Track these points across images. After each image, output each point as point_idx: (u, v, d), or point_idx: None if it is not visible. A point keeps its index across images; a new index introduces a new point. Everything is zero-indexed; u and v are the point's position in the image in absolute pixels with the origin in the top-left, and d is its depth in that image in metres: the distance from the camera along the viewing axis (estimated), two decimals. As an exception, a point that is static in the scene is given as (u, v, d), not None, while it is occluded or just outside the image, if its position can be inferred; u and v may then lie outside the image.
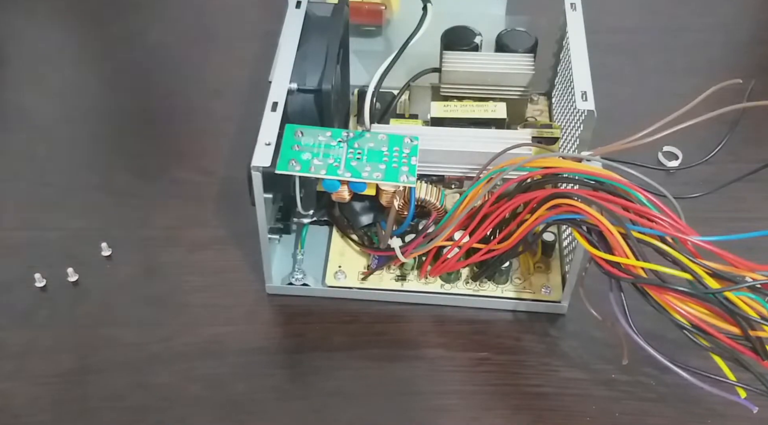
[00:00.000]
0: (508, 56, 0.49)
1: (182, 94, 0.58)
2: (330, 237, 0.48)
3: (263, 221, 0.42)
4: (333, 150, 0.41)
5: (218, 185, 0.52)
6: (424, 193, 0.44)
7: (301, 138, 0.42)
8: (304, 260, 0.47)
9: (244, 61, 0.60)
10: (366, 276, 0.46)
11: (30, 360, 0.44)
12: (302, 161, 0.41)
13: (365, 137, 0.42)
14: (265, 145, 0.40)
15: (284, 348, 0.45)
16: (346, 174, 0.41)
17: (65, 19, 0.64)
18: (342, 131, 0.42)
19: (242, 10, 0.64)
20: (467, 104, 0.47)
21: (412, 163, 0.42)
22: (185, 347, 0.44)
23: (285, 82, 0.43)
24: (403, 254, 0.44)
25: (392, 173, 0.41)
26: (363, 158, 0.41)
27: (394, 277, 0.46)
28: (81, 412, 0.42)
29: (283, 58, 0.44)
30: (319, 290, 0.46)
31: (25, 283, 0.47)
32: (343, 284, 0.46)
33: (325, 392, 0.43)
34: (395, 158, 0.42)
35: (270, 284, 0.46)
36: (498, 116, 0.47)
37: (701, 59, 0.60)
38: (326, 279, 0.46)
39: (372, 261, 0.47)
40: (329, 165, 0.41)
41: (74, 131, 0.56)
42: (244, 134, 0.56)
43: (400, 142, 0.42)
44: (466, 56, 0.49)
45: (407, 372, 0.44)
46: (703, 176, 0.51)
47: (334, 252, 0.47)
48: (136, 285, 0.47)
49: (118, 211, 0.51)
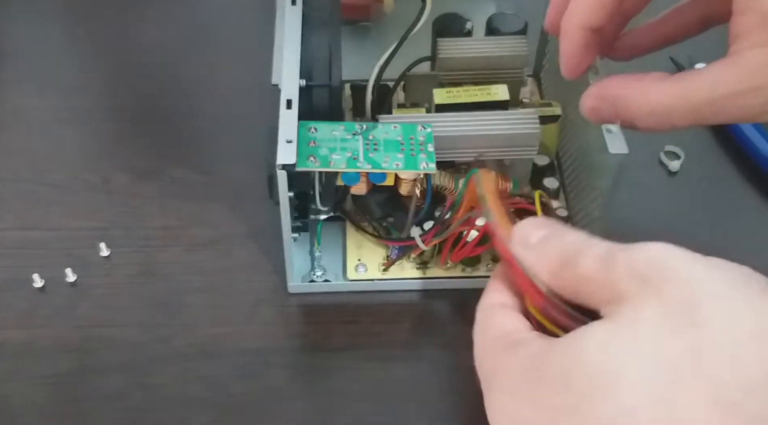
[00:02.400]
0: (502, 39, 0.50)
1: (182, 94, 0.58)
2: (344, 233, 0.48)
3: (287, 220, 0.42)
4: (349, 143, 0.41)
5: (218, 185, 0.52)
6: (440, 179, 0.44)
7: (316, 134, 0.42)
8: (322, 257, 0.47)
9: (244, 60, 0.60)
10: (387, 267, 0.46)
11: (29, 361, 0.44)
12: (321, 156, 0.41)
13: (378, 128, 0.42)
14: (286, 142, 0.40)
15: (284, 347, 0.45)
16: (367, 166, 0.41)
17: (65, 18, 0.64)
18: (355, 124, 0.42)
19: (242, 10, 0.64)
20: (469, 89, 0.48)
21: (429, 150, 0.42)
22: (185, 347, 0.44)
23: (296, 80, 0.43)
24: (423, 243, 0.44)
25: (411, 162, 0.41)
26: (380, 148, 0.42)
27: (415, 265, 0.47)
28: (80, 412, 0.42)
29: (289, 55, 0.44)
30: (341, 284, 0.46)
31: (23, 283, 0.47)
32: (365, 277, 0.46)
33: (325, 392, 0.43)
34: (411, 146, 0.42)
35: (292, 283, 0.46)
36: (501, 98, 0.47)
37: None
38: (347, 273, 0.46)
39: (391, 252, 0.46)
40: (348, 159, 0.41)
41: (74, 131, 0.56)
42: (244, 134, 0.55)
43: (414, 130, 0.43)
44: (461, 42, 0.49)
45: (407, 372, 0.43)
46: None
47: (351, 246, 0.47)
48: (135, 285, 0.47)
49: (117, 211, 0.51)
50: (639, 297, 0.26)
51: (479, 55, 0.49)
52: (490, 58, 0.49)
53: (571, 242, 0.29)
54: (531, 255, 0.30)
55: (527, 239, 0.31)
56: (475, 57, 0.49)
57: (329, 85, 0.43)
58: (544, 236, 0.31)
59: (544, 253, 0.30)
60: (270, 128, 0.42)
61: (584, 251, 0.28)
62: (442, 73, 0.49)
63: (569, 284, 0.29)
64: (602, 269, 0.27)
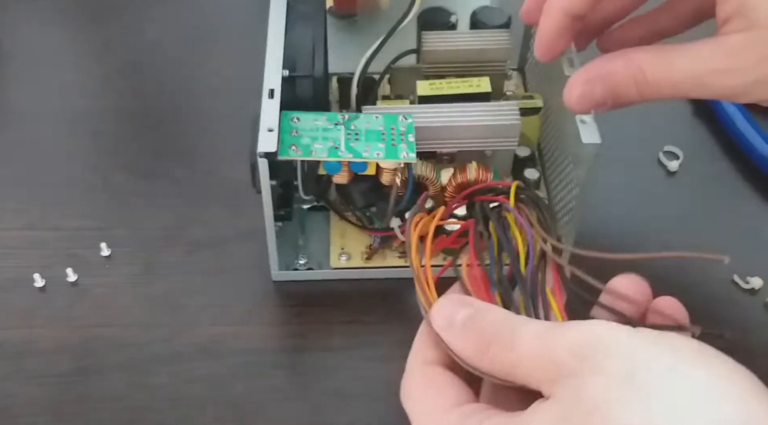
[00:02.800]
0: (485, 32, 0.50)
1: (182, 94, 0.58)
2: (329, 222, 0.49)
3: (269, 208, 0.42)
4: (331, 133, 0.42)
5: (218, 185, 0.52)
6: (421, 169, 0.44)
7: (298, 123, 0.42)
8: (306, 246, 0.47)
9: (244, 60, 0.60)
10: (370, 256, 0.47)
11: (29, 360, 0.44)
12: (302, 145, 0.41)
13: (360, 118, 0.43)
14: (267, 131, 0.40)
15: (284, 347, 0.45)
16: (348, 155, 0.41)
17: (65, 19, 0.64)
18: (338, 114, 0.43)
19: (242, 9, 0.64)
20: (451, 81, 0.48)
21: (410, 140, 0.42)
22: (185, 347, 0.44)
23: (278, 70, 0.43)
24: (402, 234, 0.44)
25: (392, 151, 0.42)
26: (361, 138, 0.42)
27: (397, 254, 0.47)
28: (80, 412, 0.42)
29: (271, 46, 0.45)
30: (324, 272, 0.47)
31: (24, 283, 0.47)
32: (348, 265, 0.47)
33: (325, 392, 0.43)
34: (393, 136, 0.42)
35: (276, 271, 0.46)
36: (483, 90, 0.48)
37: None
38: (331, 261, 0.47)
39: (374, 240, 0.47)
40: (330, 148, 0.41)
41: (74, 131, 0.56)
42: (244, 134, 0.55)
43: (395, 120, 0.43)
44: (445, 35, 0.50)
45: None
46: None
47: (335, 235, 0.48)
48: (135, 285, 0.47)
49: (117, 211, 0.51)
50: (582, 373, 0.26)
51: (463, 48, 0.49)
52: (474, 51, 0.49)
53: (500, 320, 0.29)
54: (457, 337, 0.30)
55: (451, 320, 0.30)
56: (459, 50, 0.49)
57: (312, 75, 0.44)
58: (469, 316, 0.30)
59: (470, 334, 0.30)
60: (254, 118, 0.42)
61: (517, 330, 0.28)
62: (425, 66, 0.50)
63: (502, 365, 0.28)
64: (542, 347, 0.27)
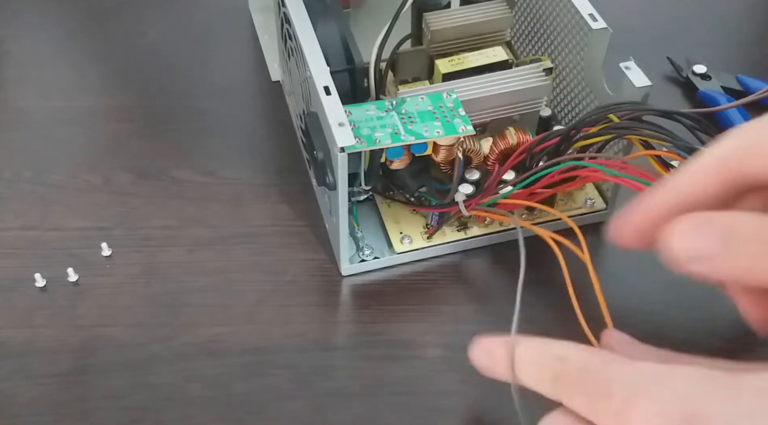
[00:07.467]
0: (484, 5, 0.51)
1: (182, 94, 0.58)
2: (377, 211, 0.49)
3: (344, 202, 0.43)
4: (386, 120, 0.42)
5: (218, 185, 0.52)
6: (467, 142, 0.45)
7: (351, 117, 0.42)
8: (363, 237, 0.48)
9: (244, 60, 0.60)
10: (431, 234, 0.48)
11: (30, 360, 0.44)
12: (364, 136, 0.41)
13: (407, 101, 0.44)
14: (339, 126, 0.41)
15: (284, 347, 0.45)
16: (410, 138, 0.42)
17: (65, 19, 0.64)
18: (385, 102, 0.43)
19: (242, 9, 0.64)
20: (467, 56, 0.50)
21: (461, 114, 0.43)
22: (185, 347, 0.45)
23: (323, 66, 0.44)
24: (467, 208, 0.45)
25: (450, 127, 0.43)
26: (416, 120, 0.43)
27: (455, 228, 0.48)
28: (81, 412, 0.42)
29: (307, 45, 0.45)
30: (391, 259, 0.47)
31: (25, 283, 0.47)
32: (412, 247, 0.47)
33: (325, 392, 0.43)
34: (444, 113, 0.43)
35: (346, 265, 0.47)
36: (500, 58, 0.50)
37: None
38: (395, 246, 0.48)
39: (431, 219, 0.48)
40: (392, 134, 0.42)
41: (74, 131, 0.56)
42: (244, 134, 0.56)
43: (441, 98, 0.44)
44: (447, 14, 0.51)
45: (407, 372, 0.44)
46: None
47: (389, 222, 0.49)
48: (136, 285, 0.47)
49: (118, 211, 0.51)
50: None
51: (469, 23, 0.50)
52: (479, 24, 0.50)
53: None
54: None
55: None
56: (466, 25, 0.50)
57: (348, 68, 0.45)
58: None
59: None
60: (310, 115, 0.42)
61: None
62: (434, 46, 0.50)
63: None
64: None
